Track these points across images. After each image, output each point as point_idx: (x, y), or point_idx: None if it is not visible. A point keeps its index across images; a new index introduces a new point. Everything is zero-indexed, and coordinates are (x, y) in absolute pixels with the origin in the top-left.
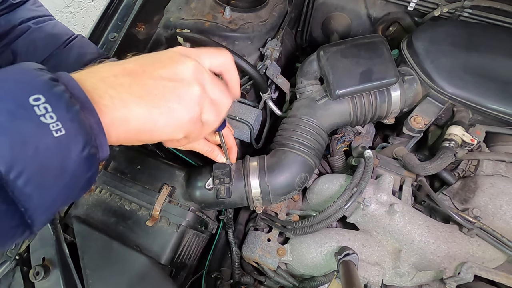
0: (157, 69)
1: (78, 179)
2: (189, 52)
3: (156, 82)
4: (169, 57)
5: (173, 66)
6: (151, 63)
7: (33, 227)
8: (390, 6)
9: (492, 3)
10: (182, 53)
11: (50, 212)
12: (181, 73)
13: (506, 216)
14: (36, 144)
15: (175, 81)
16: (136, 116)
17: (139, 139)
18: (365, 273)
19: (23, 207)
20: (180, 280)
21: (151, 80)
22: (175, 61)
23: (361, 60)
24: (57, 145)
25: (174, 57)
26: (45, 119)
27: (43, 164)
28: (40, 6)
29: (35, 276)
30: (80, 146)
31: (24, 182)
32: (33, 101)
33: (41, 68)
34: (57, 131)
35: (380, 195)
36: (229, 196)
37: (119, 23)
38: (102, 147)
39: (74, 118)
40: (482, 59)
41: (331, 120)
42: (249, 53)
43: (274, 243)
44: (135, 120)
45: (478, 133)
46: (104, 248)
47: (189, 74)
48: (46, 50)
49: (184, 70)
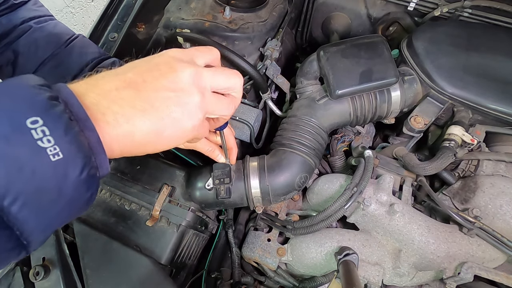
0: (157, 78)
1: (77, 201)
2: (183, 55)
3: (158, 94)
4: (167, 63)
5: (173, 74)
6: (150, 72)
7: (29, 247)
8: (390, 6)
9: (492, 3)
10: (178, 58)
11: (47, 233)
12: (181, 82)
13: (506, 216)
14: (32, 169)
15: (177, 91)
16: (140, 130)
17: (143, 150)
18: (365, 273)
19: (18, 230)
20: (180, 280)
21: (153, 91)
22: (174, 68)
23: (361, 60)
24: (54, 170)
25: (172, 64)
26: (42, 143)
27: (39, 189)
28: (41, 6)
29: (35, 276)
30: (78, 169)
31: (19, 207)
32: (30, 124)
33: (41, 85)
34: (54, 155)
35: (380, 195)
36: (229, 196)
37: (119, 23)
38: (102, 165)
39: (72, 140)
40: (482, 59)
41: (331, 120)
42: (249, 53)
43: (274, 243)
44: (139, 134)
45: (478, 133)
46: (104, 248)
47: (189, 81)
48: (47, 50)
49: (184, 77)
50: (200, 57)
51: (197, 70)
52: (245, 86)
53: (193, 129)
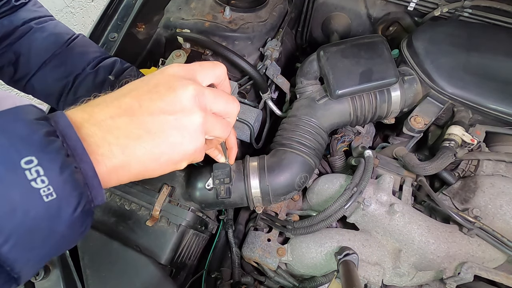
0: (154, 101)
1: (70, 236)
2: (185, 72)
3: (155, 118)
4: (166, 83)
5: (172, 94)
6: (148, 94)
7: (19, 280)
8: (390, 6)
9: (492, 3)
10: (178, 75)
11: (39, 267)
12: (181, 102)
13: (506, 216)
14: (24, 210)
15: (176, 113)
16: (136, 159)
17: (142, 177)
18: (365, 273)
19: (9, 267)
20: (180, 280)
21: (149, 116)
22: (173, 88)
23: (361, 60)
24: (47, 210)
25: (172, 83)
26: (36, 183)
27: (31, 229)
28: (40, 7)
29: (35, 276)
30: (72, 208)
31: (10, 248)
32: (24, 164)
33: (38, 118)
34: (47, 195)
35: (380, 195)
36: (229, 196)
37: (119, 23)
38: (98, 197)
39: (67, 180)
40: (482, 59)
41: (331, 120)
42: (249, 53)
43: (274, 243)
44: (136, 162)
45: (478, 133)
46: (104, 248)
47: (190, 101)
48: (48, 50)
49: (184, 97)
50: (203, 74)
51: (198, 88)
52: (245, 86)
53: (195, 152)
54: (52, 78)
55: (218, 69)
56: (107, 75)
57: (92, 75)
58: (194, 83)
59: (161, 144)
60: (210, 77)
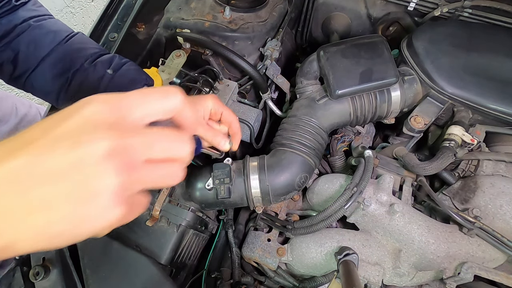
0: (51, 163)
1: None
2: (110, 110)
3: (49, 188)
4: (72, 135)
5: (74, 154)
6: (45, 150)
7: None
8: (390, 6)
9: (492, 3)
10: (95, 119)
11: None
12: (85, 165)
13: (506, 216)
14: None
15: (77, 181)
16: (26, 241)
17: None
18: (365, 273)
19: None
20: (180, 280)
21: (36, 188)
22: (78, 143)
23: (361, 60)
24: None
25: (79, 136)
26: None
27: None
28: (40, 6)
29: (35, 276)
30: None
31: None
32: None
33: None
34: None
35: (380, 195)
36: (229, 196)
37: (119, 23)
38: None
39: None
40: (482, 59)
41: (331, 120)
42: (249, 53)
43: (274, 243)
44: (26, 244)
45: (478, 133)
46: (104, 248)
47: (99, 162)
48: (47, 46)
49: (91, 157)
50: (142, 109)
51: (117, 141)
52: (245, 86)
53: (111, 225)
54: (51, 74)
55: (171, 100)
56: (105, 69)
57: (90, 70)
58: (111, 134)
59: (59, 222)
60: (154, 112)
